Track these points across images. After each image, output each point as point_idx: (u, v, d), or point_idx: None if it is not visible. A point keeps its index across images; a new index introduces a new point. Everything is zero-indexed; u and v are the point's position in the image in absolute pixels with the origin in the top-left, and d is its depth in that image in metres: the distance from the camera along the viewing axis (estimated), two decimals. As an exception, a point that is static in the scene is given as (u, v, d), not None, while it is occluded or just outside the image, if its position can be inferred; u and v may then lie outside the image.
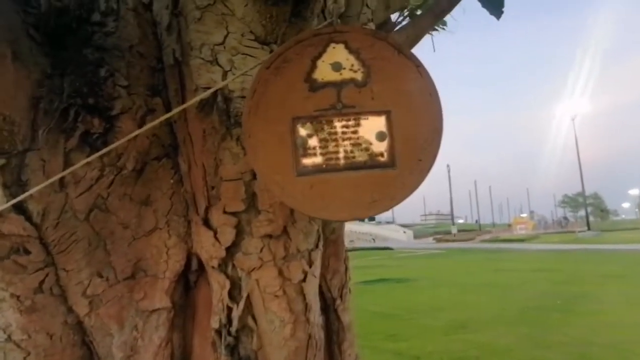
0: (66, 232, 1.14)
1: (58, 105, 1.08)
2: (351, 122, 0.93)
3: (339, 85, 0.93)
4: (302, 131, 0.93)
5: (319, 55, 0.94)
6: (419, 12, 2.16)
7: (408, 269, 13.37)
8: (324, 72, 0.94)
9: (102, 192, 1.17)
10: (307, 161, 0.92)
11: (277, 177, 0.92)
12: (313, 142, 0.93)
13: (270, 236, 1.16)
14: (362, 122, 0.93)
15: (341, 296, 1.46)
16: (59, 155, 1.10)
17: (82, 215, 1.15)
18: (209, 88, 1.10)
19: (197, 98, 1.00)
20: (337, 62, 0.94)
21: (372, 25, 1.47)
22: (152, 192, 1.26)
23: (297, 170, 0.92)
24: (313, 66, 0.94)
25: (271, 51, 1.14)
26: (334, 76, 0.94)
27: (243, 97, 1.12)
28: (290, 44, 0.95)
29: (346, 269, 1.49)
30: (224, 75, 1.11)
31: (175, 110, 1.00)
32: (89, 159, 1.06)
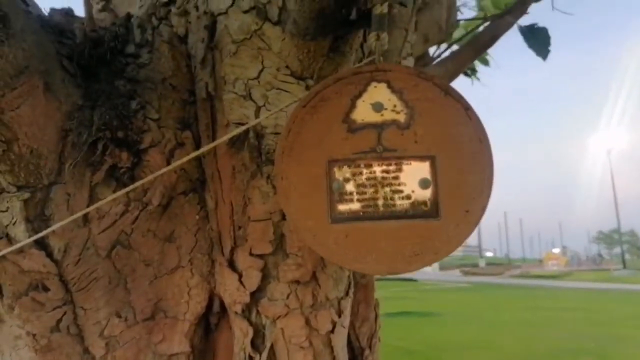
0: (87, 270, 1.09)
1: (87, 138, 1.05)
2: (392, 167, 0.86)
3: (379, 127, 0.87)
4: (339, 175, 0.86)
5: (359, 95, 0.88)
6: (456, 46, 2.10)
7: (433, 302, 13.00)
8: (364, 112, 0.88)
9: (125, 228, 1.13)
10: (343, 207, 0.85)
11: (309, 223, 0.86)
12: (350, 187, 0.86)
13: (298, 282, 1.09)
14: (404, 167, 0.86)
15: (370, 346, 1.37)
16: (84, 190, 1.06)
17: (104, 252, 1.11)
18: (241, 123, 1.05)
19: (229, 135, 0.95)
20: (378, 103, 0.87)
21: (411, 60, 1.41)
22: (176, 227, 1.20)
23: (332, 216, 0.85)
24: (352, 106, 0.88)
25: (307, 87, 1.09)
26: (375, 117, 0.87)
27: (276, 133, 1.07)
28: (328, 82, 0.89)
29: (376, 316, 1.40)
30: (257, 110, 1.06)
31: (206, 148, 0.95)
32: (116, 195, 1.02)
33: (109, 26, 1.20)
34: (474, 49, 1.85)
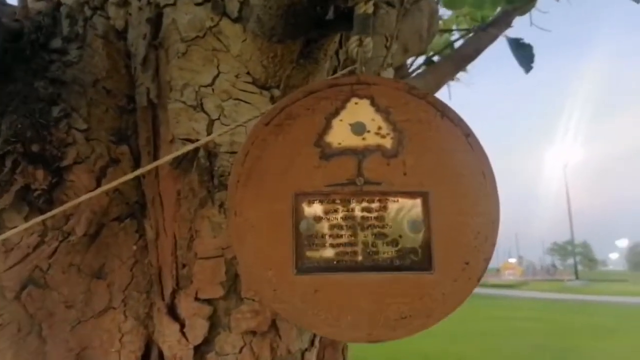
0: (-12, 315, 0.87)
1: (-11, 152, 0.83)
2: (375, 205, 0.68)
3: (360, 154, 0.69)
4: (308, 212, 0.68)
5: (336, 113, 0.71)
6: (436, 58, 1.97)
7: (395, 312, 12.91)
8: (341, 134, 0.70)
9: (41, 263, 0.91)
10: (313, 254, 0.67)
11: (268, 274, 0.67)
12: (322, 228, 0.68)
13: (253, 332, 0.90)
14: (390, 205, 0.68)
15: (338, 396, 1.19)
16: (-15, 216, 0.84)
17: (12, 293, 0.89)
18: (189, 140, 0.86)
19: (174, 154, 0.76)
20: (359, 123, 0.70)
21: (391, 71, 1.25)
22: (107, 261, 0.99)
23: (298, 266, 0.67)
24: (327, 126, 0.70)
25: (272, 98, 0.91)
26: (355, 141, 0.70)
27: (232, 152, 0.88)
28: (298, 95, 0.71)
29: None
30: (210, 124, 0.87)
31: (144, 169, 0.75)
32: (28, 224, 0.80)
33: (33, 15, 0.98)
34: (455, 62, 1.72)
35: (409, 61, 1.82)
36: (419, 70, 1.85)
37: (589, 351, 7.15)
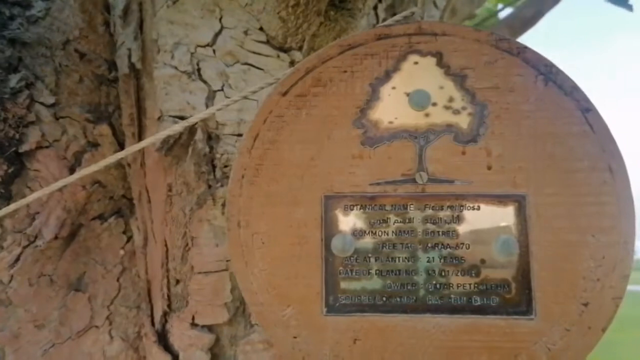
0: None
1: None
2: (445, 214, 0.46)
3: (423, 137, 0.47)
4: (345, 224, 0.46)
5: (387, 77, 0.48)
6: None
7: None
8: (394, 109, 0.48)
9: (0, 275, 0.72)
10: (352, 286, 0.46)
11: (286, 313, 0.46)
12: (365, 246, 0.46)
13: (269, 370, 0.69)
14: (468, 214, 0.46)
15: None
16: None
17: (-39, 314, 0.70)
18: (182, 117, 0.64)
19: (159, 135, 0.55)
20: (421, 92, 0.47)
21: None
22: (88, 269, 0.80)
23: (330, 302, 0.45)
24: (374, 97, 0.48)
25: (292, 62, 0.69)
26: (415, 119, 0.47)
27: (240, 135, 0.66)
28: (330, 52, 0.49)
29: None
30: (210, 97, 0.65)
31: (112, 158, 0.54)
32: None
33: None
34: (512, 28, 1.45)
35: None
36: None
37: (617, 343, 6.84)
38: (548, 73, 0.47)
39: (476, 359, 0.44)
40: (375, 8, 0.83)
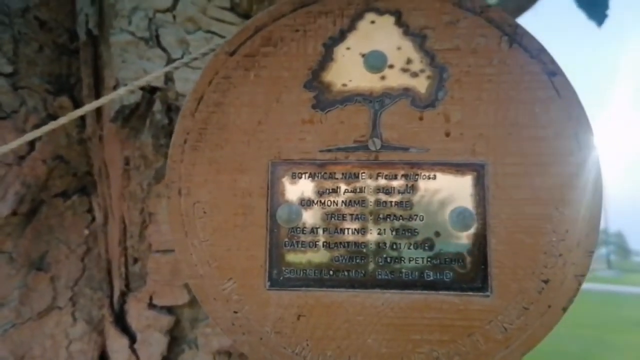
0: None
1: None
2: (398, 183, 0.43)
3: (378, 102, 0.44)
4: (292, 192, 0.43)
5: (342, 37, 0.45)
6: None
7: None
8: (348, 71, 0.44)
9: (-47, 251, 0.69)
10: (298, 259, 0.43)
11: (226, 287, 0.43)
12: (313, 217, 0.43)
13: (228, 353, 0.66)
14: (423, 184, 0.43)
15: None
16: None
17: None
18: (140, 88, 0.61)
19: (104, 99, 0.51)
20: (377, 53, 0.44)
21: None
22: (51, 248, 0.77)
23: (274, 276, 0.42)
24: (327, 58, 0.45)
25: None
26: (370, 81, 0.44)
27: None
28: (282, 9, 0.45)
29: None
30: (169, 64, 0.62)
31: (61, 120, 0.51)
32: None
33: None
34: (508, 11, 1.42)
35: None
36: None
37: (617, 345, 6.76)
38: (513, 34, 0.44)
39: (427, 337, 0.41)
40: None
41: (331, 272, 0.42)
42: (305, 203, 0.43)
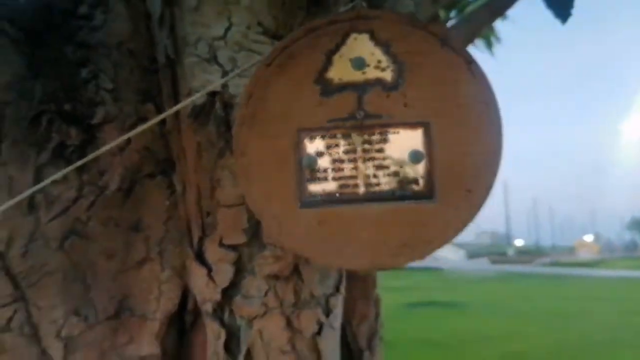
0: (37, 263, 0.96)
1: (27, 112, 0.91)
2: (376, 137, 0.68)
3: (361, 88, 0.70)
4: (311, 148, 0.70)
5: (336, 49, 0.71)
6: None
7: (459, 291, 12.67)
8: (341, 70, 0.70)
9: (80, 216, 0.99)
10: (316, 188, 0.69)
11: (274, 209, 0.69)
12: (324, 162, 0.69)
13: (276, 277, 0.93)
14: (391, 137, 0.68)
15: (370, 347, 1.20)
16: (28, 172, 0.92)
17: (56, 243, 0.97)
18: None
19: (182, 104, 0.79)
20: (359, 58, 0.70)
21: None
22: (143, 216, 1.06)
23: (302, 199, 0.69)
24: (327, 63, 0.71)
25: (285, 48, 0.92)
26: (355, 76, 0.70)
27: (248, 104, 0.91)
28: (298, 35, 0.72)
29: (377, 314, 1.23)
30: (224, 75, 0.89)
31: (153, 121, 0.79)
32: (57, 175, 0.87)
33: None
34: (491, 10, 1.63)
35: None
36: (452, 22, 1.78)
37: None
38: (445, 39, 0.69)
39: (398, 229, 0.66)
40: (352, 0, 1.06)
41: (337, 195, 0.68)
42: (319, 154, 0.69)
